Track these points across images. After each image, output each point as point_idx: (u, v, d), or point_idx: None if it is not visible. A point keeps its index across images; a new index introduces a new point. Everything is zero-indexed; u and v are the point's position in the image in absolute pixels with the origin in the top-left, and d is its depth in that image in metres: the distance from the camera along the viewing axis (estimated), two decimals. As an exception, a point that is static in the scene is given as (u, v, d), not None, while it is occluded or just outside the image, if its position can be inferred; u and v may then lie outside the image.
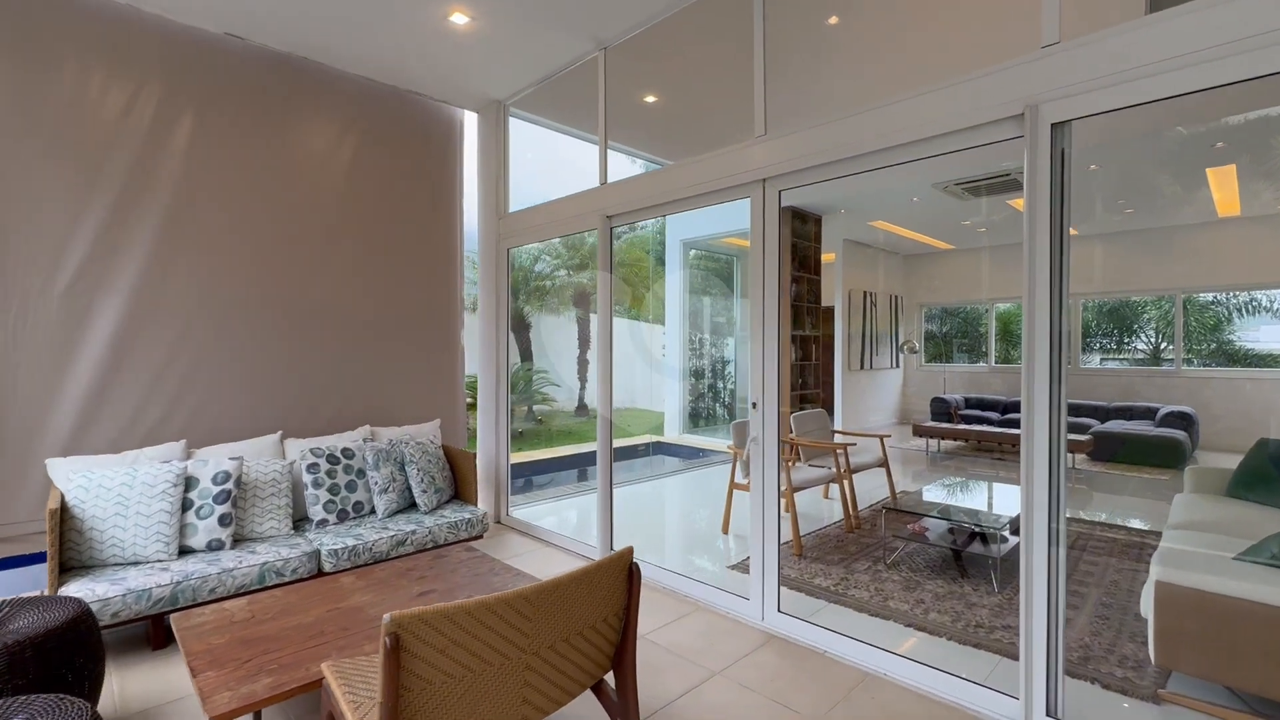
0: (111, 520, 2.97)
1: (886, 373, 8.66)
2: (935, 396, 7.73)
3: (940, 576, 3.77)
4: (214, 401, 3.88)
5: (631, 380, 15.26)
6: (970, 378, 7.63)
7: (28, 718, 1.51)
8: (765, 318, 3.15)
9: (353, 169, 4.49)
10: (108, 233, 3.54)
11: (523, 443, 9.99)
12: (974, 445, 7.14)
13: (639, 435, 10.48)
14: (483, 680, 1.54)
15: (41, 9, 3.33)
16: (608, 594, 1.79)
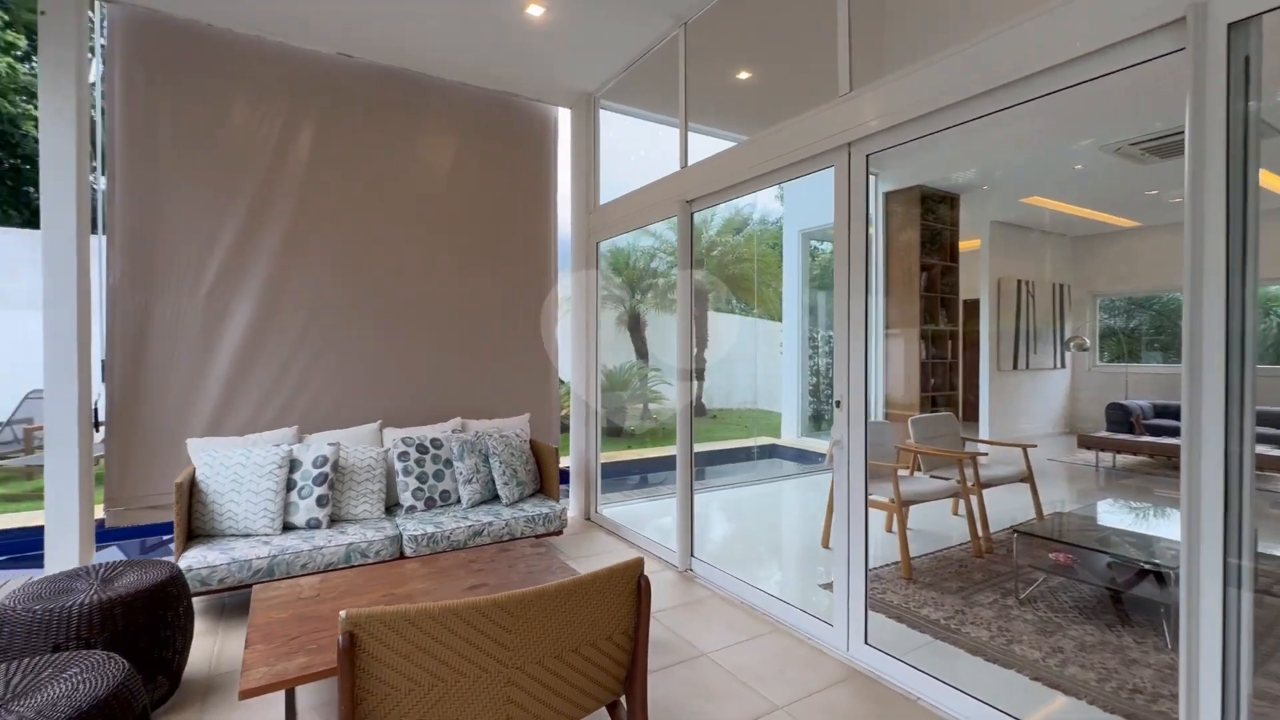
0: (229, 495, 3.32)
1: (1048, 374, 7.44)
2: (1113, 403, 6.46)
3: (1090, 621, 3.05)
4: (327, 392, 4.23)
5: (753, 380, 14.75)
6: (1162, 381, 6.29)
7: (58, 672, 1.63)
8: (850, 304, 2.73)
9: (455, 172, 4.69)
10: (241, 240, 3.99)
11: (634, 441, 10.01)
12: (1162, 462, 5.87)
13: (752, 437, 10.03)
14: (457, 692, 1.41)
15: (187, 47, 3.83)
16: (611, 608, 1.59)
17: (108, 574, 2.37)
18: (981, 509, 4.09)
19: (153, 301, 3.76)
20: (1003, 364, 7.23)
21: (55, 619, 2.07)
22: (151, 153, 3.75)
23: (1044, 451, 6.84)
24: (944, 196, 6.61)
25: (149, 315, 3.75)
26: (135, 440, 3.72)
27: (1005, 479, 4.39)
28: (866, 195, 2.68)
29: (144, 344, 3.75)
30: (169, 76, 3.78)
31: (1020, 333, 7.34)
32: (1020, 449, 4.57)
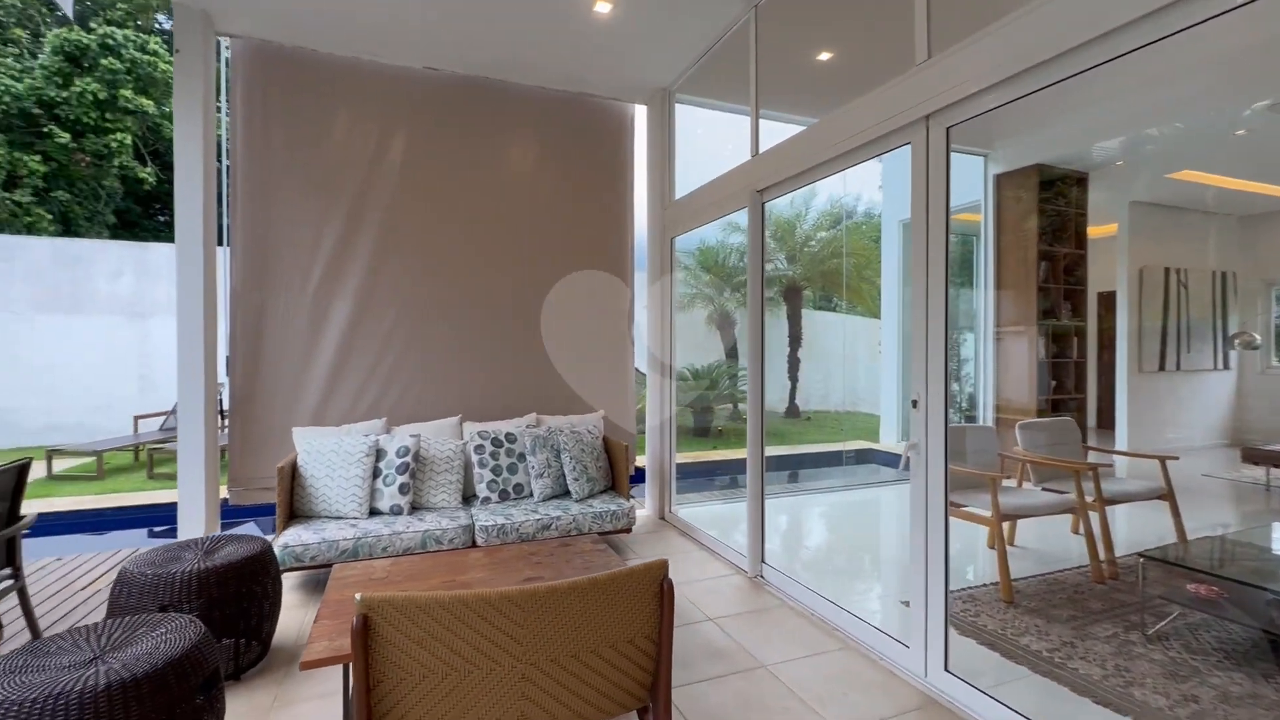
0: (323, 480, 3.61)
1: (1205, 376, 6.42)
2: (1293, 410, 5.46)
3: (1239, 668, 2.56)
4: (413, 386, 4.49)
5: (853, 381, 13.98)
6: (1361, 385, 5.24)
7: (149, 630, 1.82)
8: (929, 294, 2.47)
9: (534, 172, 4.82)
10: (340, 245, 4.33)
11: (721, 441, 9.81)
12: (1359, 483, 4.88)
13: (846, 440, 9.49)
14: (470, 683, 1.41)
15: (295, 71, 4.21)
16: (631, 611, 1.52)
17: (211, 546, 2.64)
18: (1104, 528, 3.58)
19: (267, 303, 4.17)
20: (1145, 365, 6.32)
21: (162, 583, 2.33)
22: (265, 169, 4.16)
23: (1197, 465, 5.93)
24: (1069, 176, 5.89)
25: (264, 316, 4.17)
26: (253, 428, 4.15)
27: (1137, 495, 3.83)
28: (947, 174, 2.41)
29: (260, 342, 4.17)
30: (280, 99, 4.18)
31: (1168, 329, 6.38)
32: (1158, 461, 3.95)
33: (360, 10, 3.79)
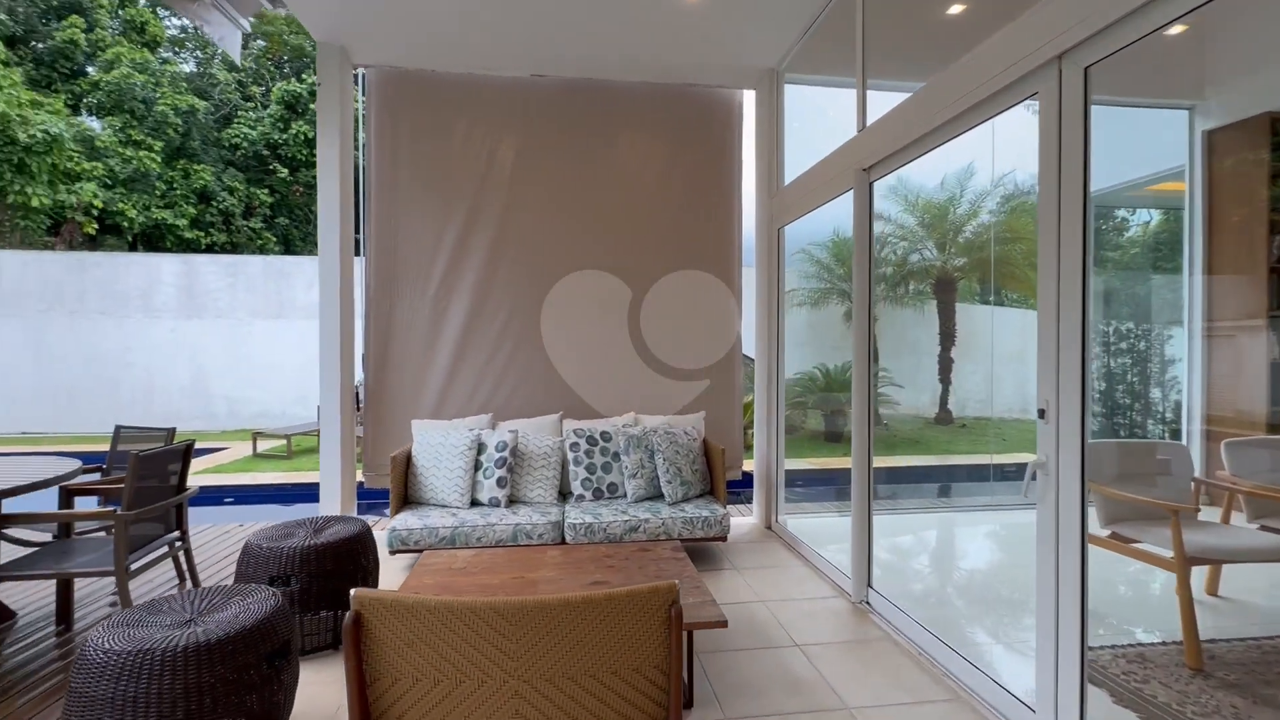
0: (431, 471, 3.86)
1: None
2: None
3: None
4: (520, 384, 4.67)
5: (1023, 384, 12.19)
6: None
7: (242, 599, 2.02)
8: (1061, 278, 1.99)
9: (641, 170, 4.78)
10: (457, 250, 4.62)
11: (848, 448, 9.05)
12: None
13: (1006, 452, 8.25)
14: (462, 692, 1.35)
15: (418, 91, 4.57)
16: (634, 636, 1.37)
17: (320, 525, 2.91)
18: (1354, 586, 2.68)
19: (395, 306, 4.58)
20: None
21: (274, 556, 2.61)
22: (394, 184, 4.57)
23: None
24: (1321, 123, 4.61)
25: (392, 317, 4.58)
26: (383, 419, 4.58)
27: None
28: (1085, 129, 1.92)
29: (389, 341, 4.59)
30: (406, 118, 4.56)
31: None
32: None
33: (472, 30, 4.00)
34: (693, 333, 4.84)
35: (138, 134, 16.43)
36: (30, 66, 16.03)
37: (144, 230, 16.77)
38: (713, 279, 4.88)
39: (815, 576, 3.66)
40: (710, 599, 2.42)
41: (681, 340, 4.83)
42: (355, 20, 3.94)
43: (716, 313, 4.88)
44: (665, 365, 4.81)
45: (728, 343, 4.90)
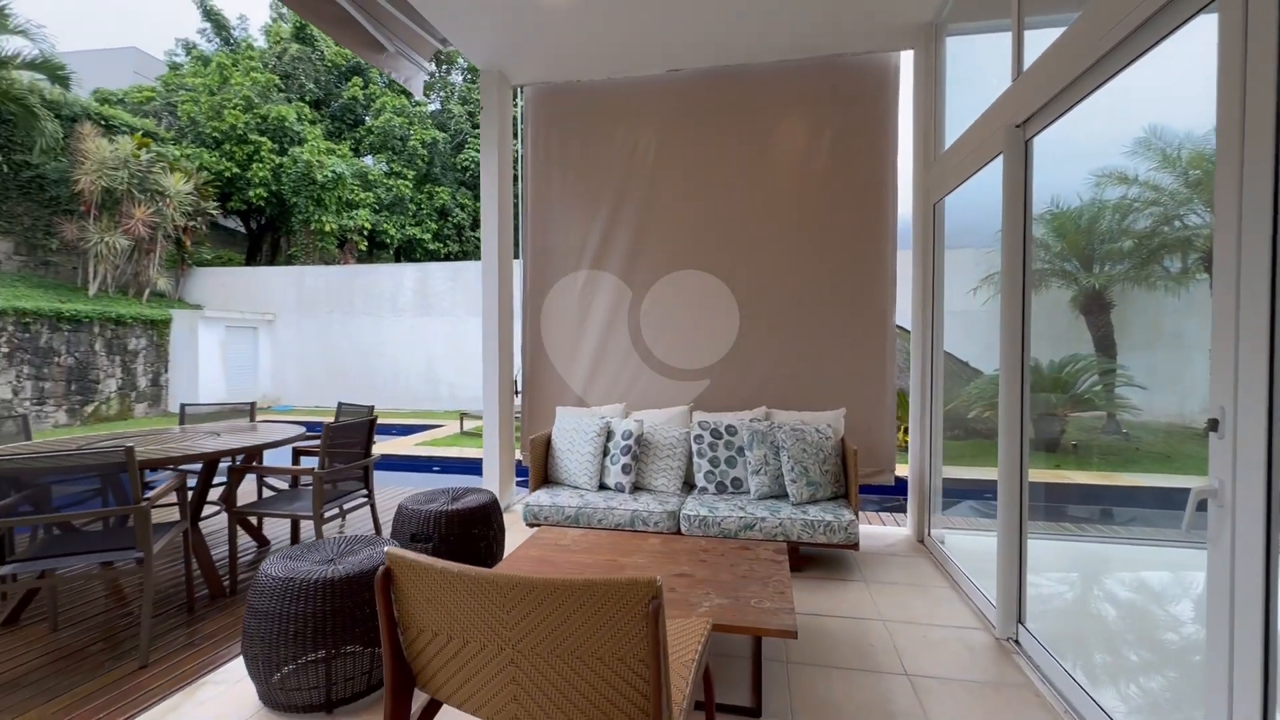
0: (565, 453, 4.17)
1: None
2: None
3: None
4: (659, 374, 4.79)
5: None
6: None
7: (371, 549, 2.43)
8: (1243, 245, 1.48)
9: (785, 152, 4.59)
10: (600, 248, 4.90)
11: (1074, 459, 7.50)
12: None
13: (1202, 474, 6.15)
14: (467, 652, 1.49)
15: (565, 101, 4.92)
16: (613, 625, 1.37)
17: (458, 495, 3.35)
18: None
19: (547, 302, 5.01)
20: None
21: (415, 517, 3.08)
22: (546, 188, 5.00)
23: None
24: None
25: (545, 313, 5.03)
26: (538, 404, 5.05)
27: None
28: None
29: (542, 334, 5.04)
30: (555, 127, 4.95)
31: None
32: None
33: (609, 36, 4.17)
34: (838, 323, 4.50)
35: (397, 166, 20.12)
36: (327, 122, 20.58)
37: (401, 244, 20.53)
38: (864, 263, 4.47)
39: (959, 602, 3.19)
40: (787, 607, 2.27)
41: (823, 331, 4.51)
42: (509, 47, 4.38)
43: (866, 300, 4.47)
44: (801, 358, 4.54)
45: (879, 334, 4.46)
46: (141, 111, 17.29)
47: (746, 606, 2.29)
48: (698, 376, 4.72)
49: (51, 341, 10.70)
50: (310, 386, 14.12)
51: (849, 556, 3.84)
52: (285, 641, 2.17)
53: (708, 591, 2.43)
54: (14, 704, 2.32)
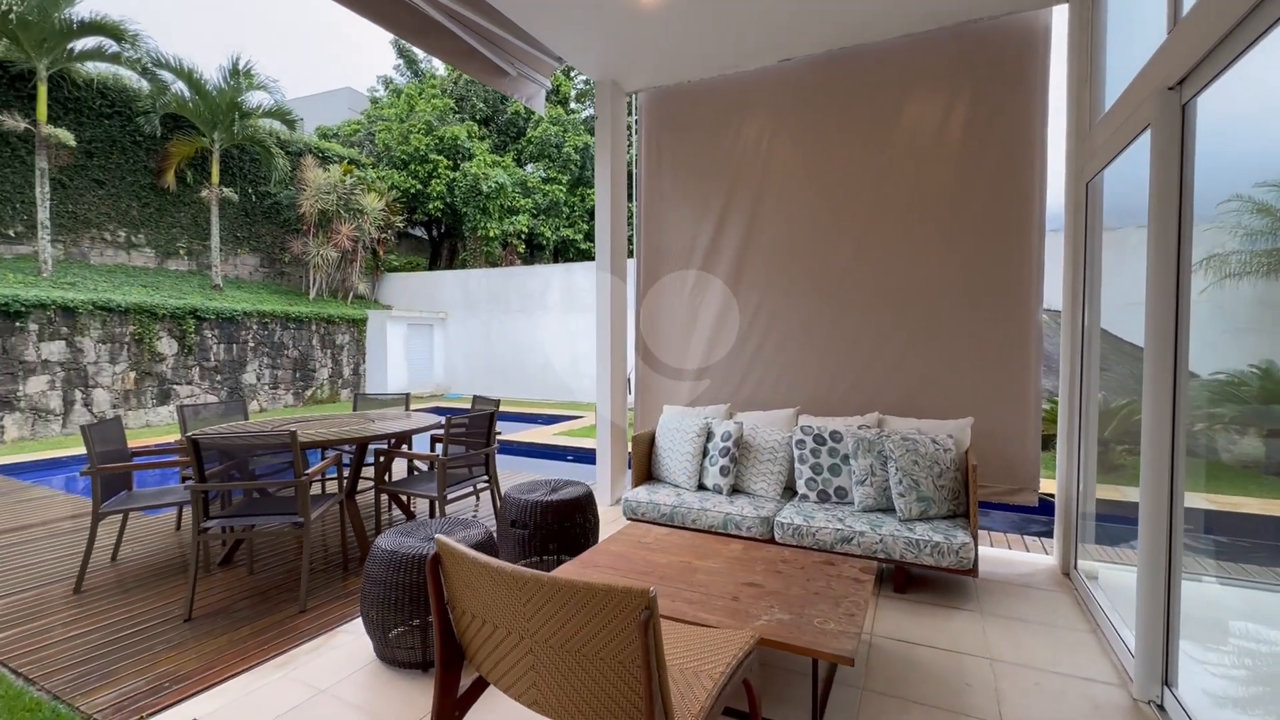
0: (667, 451, 4.25)
1: None
2: None
3: None
4: (763, 377, 4.68)
5: None
6: None
7: (469, 530, 2.72)
8: None
9: (910, 135, 4.23)
10: (709, 248, 4.89)
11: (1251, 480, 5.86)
12: None
13: None
14: (496, 638, 1.64)
15: (676, 102, 4.96)
16: (607, 630, 1.42)
17: (556, 486, 3.59)
18: None
19: (658, 302, 5.12)
20: None
21: (517, 506, 3.37)
22: (659, 189, 5.09)
23: None
24: None
25: (656, 312, 5.14)
26: (649, 401, 5.20)
27: None
28: None
29: (654, 334, 5.17)
30: (668, 128, 5.02)
31: None
32: None
33: (717, 34, 4.13)
34: (970, 320, 4.04)
35: (552, 172, 21.57)
36: (494, 137, 22.65)
37: (556, 246, 22.01)
38: (1003, 252, 3.97)
39: (1096, 650, 2.73)
40: (852, 631, 2.14)
41: (951, 330, 4.08)
42: (620, 56, 4.53)
43: (1005, 294, 3.96)
44: (926, 361, 4.14)
45: (1021, 332, 3.93)
46: (350, 142, 20.45)
47: (807, 625, 2.20)
48: (806, 379, 4.53)
49: (283, 337, 13.15)
50: (474, 377, 15.77)
51: (966, 583, 3.46)
52: (391, 606, 2.53)
53: (771, 605, 2.36)
54: (214, 628, 2.96)
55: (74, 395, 9.71)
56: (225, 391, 11.87)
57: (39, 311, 9.28)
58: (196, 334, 11.41)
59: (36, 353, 9.26)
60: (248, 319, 12.38)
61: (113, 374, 10.19)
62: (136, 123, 12.57)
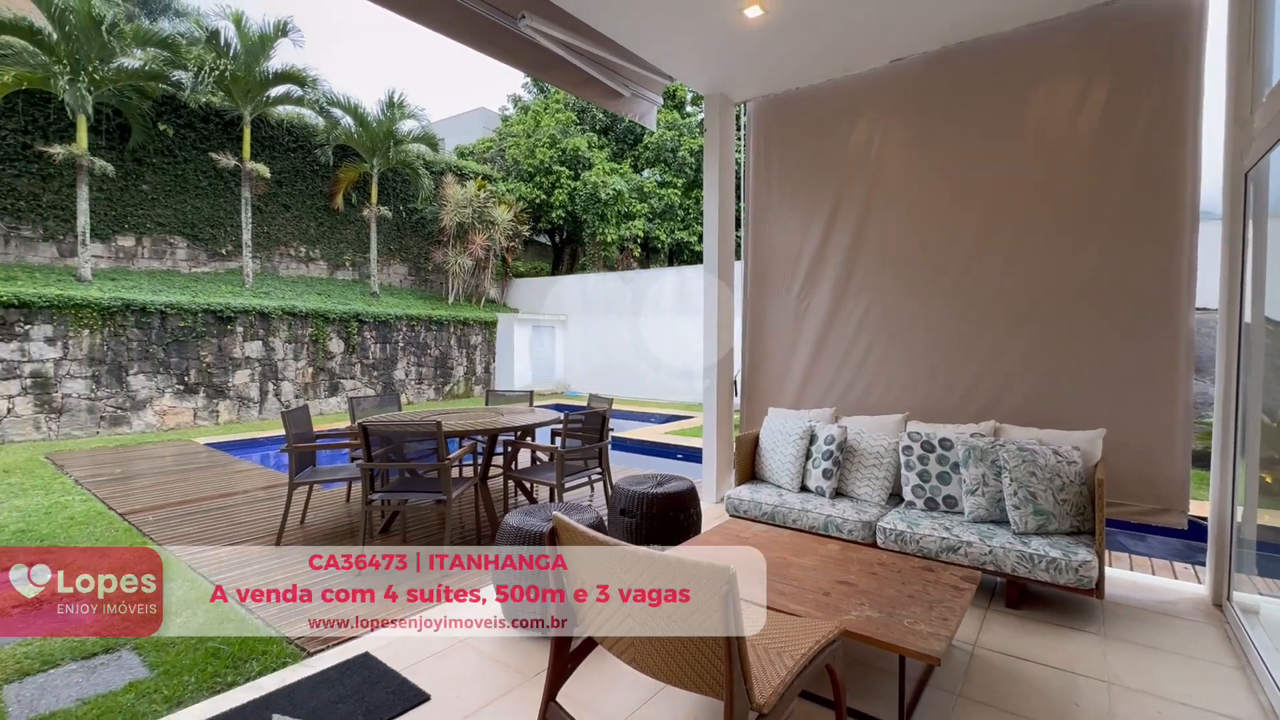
0: (771, 452, 4.36)
1: None
2: None
3: None
4: (872, 381, 4.62)
5: None
6: None
7: (583, 514, 3.05)
8: None
9: (1035, 130, 4.00)
10: (817, 250, 4.90)
11: None
12: None
13: None
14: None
15: (785, 109, 5.03)
16: (695, 601, 1.63)
17: (662, 481, 3.84)
18: None
19: (764, 305, 5.22)
20: None
21: (626, 496, 3.67)
22: (767, 195, 5.19)
23: None
24: None
25: (763, 315, 5.24)
26: (755, 403, 5.31)
27: None
28: None
29: (760, 336, 5.27)
30: (776, 135, 5.11)
31: None
32: None
33: (830, 34, 4.16)
34: (1104, 323, 3.75)
35: (668, 176, 22.02)
36: (612, 145, 23.54)
37: (671, 249, 22.43)
38: (1145, 249, 3.65)
39: (1243, 690, 2.49)
40: (943, 634, 2.17)
41: (1082, 333, 3.81)
42: (729, 69, 4.70)
43: (1148, 295, 3.63)
44: (1055, 365, 3.89)
45: (1168, 337, 3.59)
46: (483, 159, 22.25)
47: (896, 624, 2.26)
48: (916, 384, 4.41)
49: (426, 338, 14.69)
50: (592, 376, 16.57)
51: (1091, 605, 3.24)
52: (516, 574, 2.91)
53: (861, 603, 2.44)
54: (377, 582, 3.55)
55: (268, 386, 11.57)
56: (380, 385, 13.50)
57: (243, 316, 11.17)
58: (359, 335, 13.09)
59: (241, 350, 11.16)
60: (398, 321, 13.98)
61: (295, 369, 12.00)
62: (314, 154, 14.64)
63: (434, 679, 2.55)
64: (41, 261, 11.04)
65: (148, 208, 12.23)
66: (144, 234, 12.26)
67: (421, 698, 2.43)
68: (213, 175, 12.99)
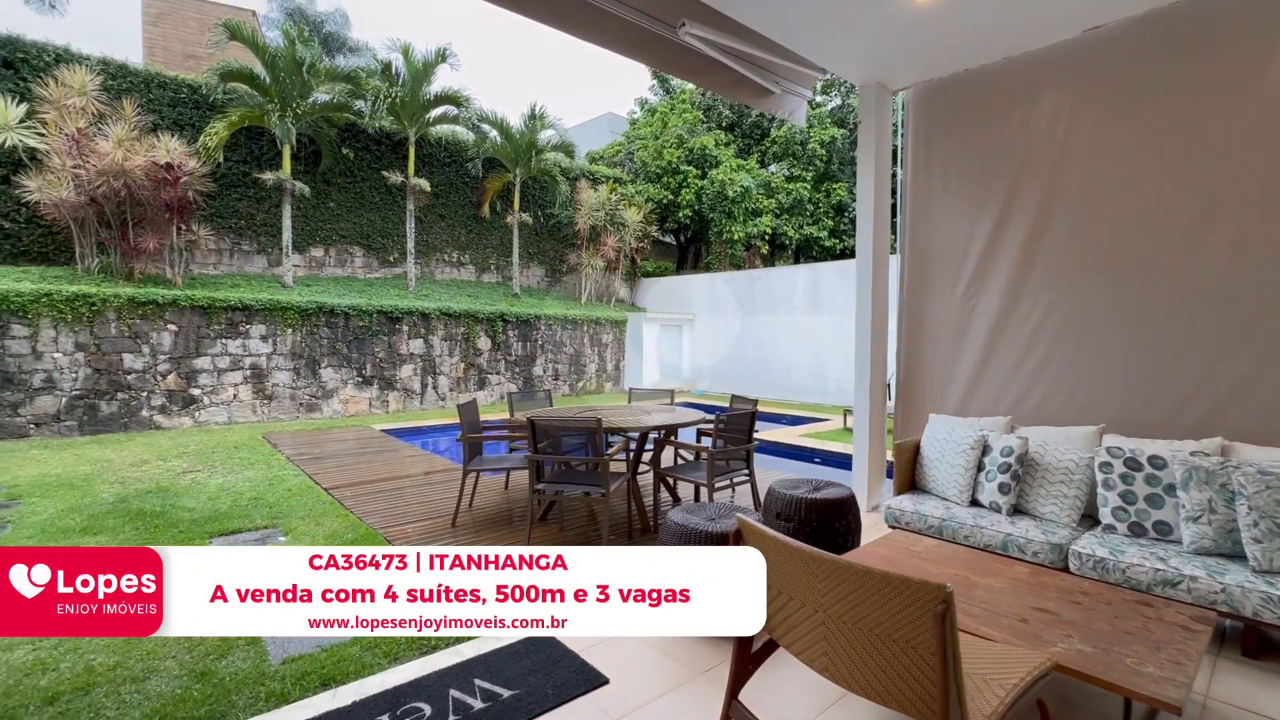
0: (934, 462, 4.10)
1: None
2: None
3: None
4: (1055, 388, 4.17)
5: None
6: None
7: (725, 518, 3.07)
8: None
9: (1248, 106, 3.42)
10: (986, 246, 4.52)
11: None
12: None
13: None
14: (791, 608, 1.91)
15: (950, 95, 4.67)
16: (902, 618, 1.59)
17: (819, 486, 3.75)
18: None
19: (923, 304, 4.91)
20: None
21: (780, 500, 3.62)
22: (928, 188, 4.86)
23: None
24: None
25: (921, 315, 4.93)
26: (911, 407, 5.01)
27: None
28: None
29: (918, 337, 4.96)
30: (939, 123, 4.77)
31: None
32: None
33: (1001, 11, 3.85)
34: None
35: (796, 170, 21.36)
36: (739, 141, 23.25)
37: (798, 245, 21.75)
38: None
39: None
40: (1179, 679, 1.92)
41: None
42: (886, 56, 4.47)
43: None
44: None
45: None
46: (613, 163, 22.96)
47: (1117, 662, 2.04)
48: (1113, 393, 3.91)
49: (562, 336, 15.46)
50: (719, 375, 16.52)
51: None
52: (680, 571, 2.99)
53: (1069, 634, 2.23)
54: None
55: (427, 380, 12.82)
56: (520, 381, 14.43)
57: (408, 316, 12.47)
58: (503, 333, 14.09)
59: (406, 347, 12.47)
60: (537, 321, 14.85)
61: (450, 364, 13.19)
62: (465, 167, 15.98)
63: (609, 664, 2.69)
64: (255, 271, 13.08)
65: (333, 222, 14.06)
66: (330, 245, 14.11)
67: (600, 680, 2.58)
68: (383, 191, 14.63)
